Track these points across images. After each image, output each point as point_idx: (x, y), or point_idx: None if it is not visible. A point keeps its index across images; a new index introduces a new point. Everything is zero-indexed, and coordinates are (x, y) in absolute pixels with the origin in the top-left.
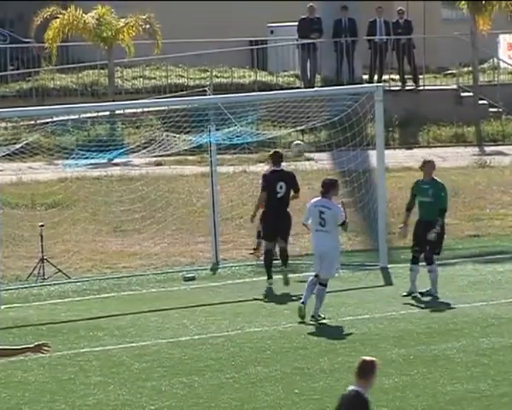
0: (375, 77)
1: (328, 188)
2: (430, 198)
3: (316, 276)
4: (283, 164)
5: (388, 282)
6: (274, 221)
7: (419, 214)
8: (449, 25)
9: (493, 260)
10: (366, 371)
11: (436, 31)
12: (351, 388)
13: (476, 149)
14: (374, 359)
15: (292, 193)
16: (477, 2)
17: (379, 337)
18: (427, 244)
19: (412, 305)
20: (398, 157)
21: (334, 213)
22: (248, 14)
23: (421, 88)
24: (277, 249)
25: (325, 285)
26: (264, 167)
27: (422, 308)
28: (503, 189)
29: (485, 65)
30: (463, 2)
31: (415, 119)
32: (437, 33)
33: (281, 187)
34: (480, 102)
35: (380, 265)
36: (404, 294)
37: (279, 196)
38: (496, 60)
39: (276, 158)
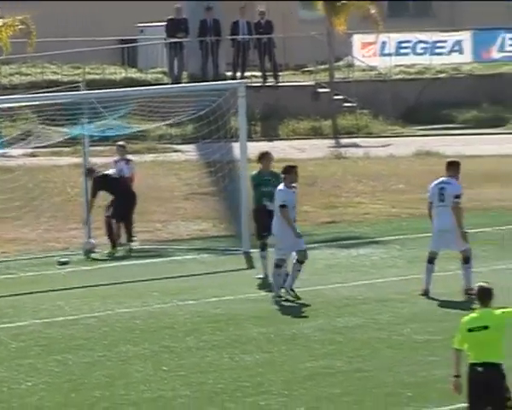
0: (238, 74)
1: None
2: (271, 188)
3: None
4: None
5: (250, 265)
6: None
7: (261, 202)
8: (307, 25)
9: (348, 245)
10: None
11: (295, 30)
12: None
13: (332, 142)
14: None
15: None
16: (333, 2)
17: (242, 317)
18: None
19: (271, 286)
20: (259, 149)
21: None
22: (119, 15)
23: (281, 84)
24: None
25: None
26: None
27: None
28: (357, 178)
29: (341, 63)
30: (320, 2)
31: (275, 113)
32: (295, 33)
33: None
34: (336, 97)
35: (242, 249)
36: (258, 277)
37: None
38: (350, 58)
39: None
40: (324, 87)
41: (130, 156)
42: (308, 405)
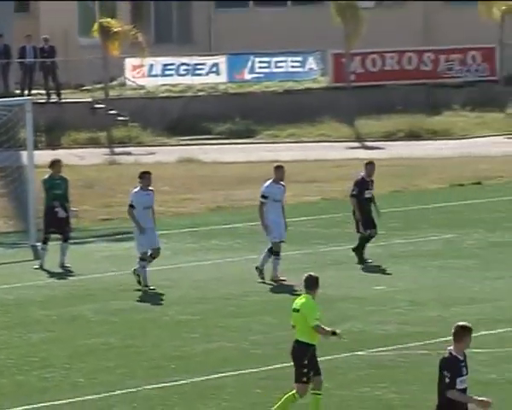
0: (26, 92)
1: None
2: (62, 190)
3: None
4: None
5: (37, 257)
6: None
7: (51, 204)
8: (85, 49)
9: (122, 238)
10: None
11: (75, 54)
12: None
13: (107, 150)
14: (467, 324)
15: None
16: (108, 30)
17: (28, 301)
18: (67, 225)
19: (54, 275)
20: (44, 156)
21: None
22: None
23: (63, 101)
24: None
25: None
26: None
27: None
28: (130, 182)
29: (115, 82)
30: (96, 30)
31: (58, 125)
32: (75, 57)
33: None
34: (111, 112)
35: (30, 243)
36: (36, 267)
37: None
38: (123, 78)
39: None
40: (100, 103)
41: None
42: (87, 376)
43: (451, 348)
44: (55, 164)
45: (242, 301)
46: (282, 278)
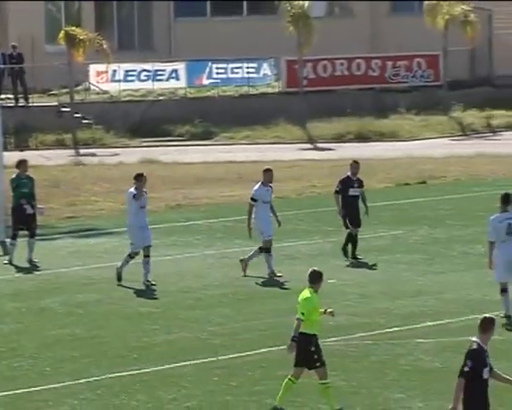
0: None
1: None
2: (28, 189)
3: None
4: None
5: (6, 252)
6: None
7: (18, 201)
8: (52, 56)
9: (86, 235)
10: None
11: (42, 61)
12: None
13: (73, 151)
14: (492, 316)
15: None
16: (73, 38)
17: None
18: (34, 222)
19: (22, 270)
20: (13, 157)
21: None
22: None
23: (31, 104)
24: None
25: None
26: None
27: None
28: (94, 181)
29: (80, 87)
30: (61, 38)
31: (26, 128)
32: (43, 63)
33: None
34: (76, 115)
35: None
36: (5, 262)
37: None
38: (87, 83)
39: None
40: (66, 107)
41: None
42: (54, 365)
43: (476, 339)
44: (22, 164)
45: (201, 294)
46: (278, 275)
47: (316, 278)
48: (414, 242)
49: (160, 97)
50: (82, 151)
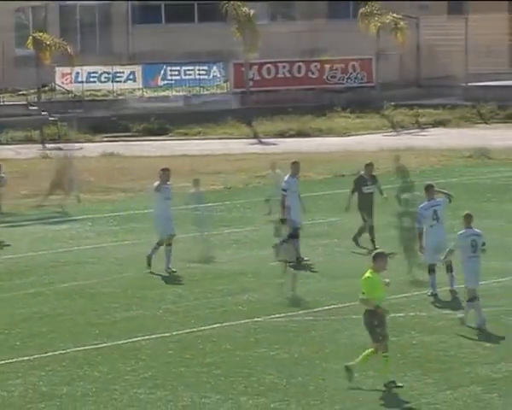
0: None
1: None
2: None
3: None
4: None
5: None
6: None
7: None
8: (21, 59)
9: (53, 222)
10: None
11: (12, 64)
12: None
13: (40, 146)
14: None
15: None
16: (40, 43)
17: None
18: None
19: None
20: None
21: None
22: None
23: (2, 103)
24: None
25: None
26: None
27: None
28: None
29: (46, 87)
30: (30, 43)
31: None
32: (13, 65)
33: None
34: (43, 113)
35: None
36: None
37: None
38: (53, 84)
39: None
40: (34, 106)
41: None
42: (23, 340)
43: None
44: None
45: (157, 275)
46: (305, 258)
47: (374, 257)
48: (349, 228)
49: (119, 97)
50: (49, 146)
